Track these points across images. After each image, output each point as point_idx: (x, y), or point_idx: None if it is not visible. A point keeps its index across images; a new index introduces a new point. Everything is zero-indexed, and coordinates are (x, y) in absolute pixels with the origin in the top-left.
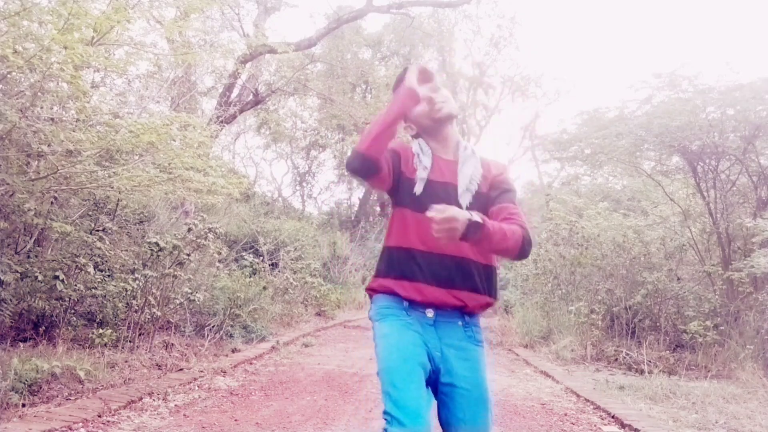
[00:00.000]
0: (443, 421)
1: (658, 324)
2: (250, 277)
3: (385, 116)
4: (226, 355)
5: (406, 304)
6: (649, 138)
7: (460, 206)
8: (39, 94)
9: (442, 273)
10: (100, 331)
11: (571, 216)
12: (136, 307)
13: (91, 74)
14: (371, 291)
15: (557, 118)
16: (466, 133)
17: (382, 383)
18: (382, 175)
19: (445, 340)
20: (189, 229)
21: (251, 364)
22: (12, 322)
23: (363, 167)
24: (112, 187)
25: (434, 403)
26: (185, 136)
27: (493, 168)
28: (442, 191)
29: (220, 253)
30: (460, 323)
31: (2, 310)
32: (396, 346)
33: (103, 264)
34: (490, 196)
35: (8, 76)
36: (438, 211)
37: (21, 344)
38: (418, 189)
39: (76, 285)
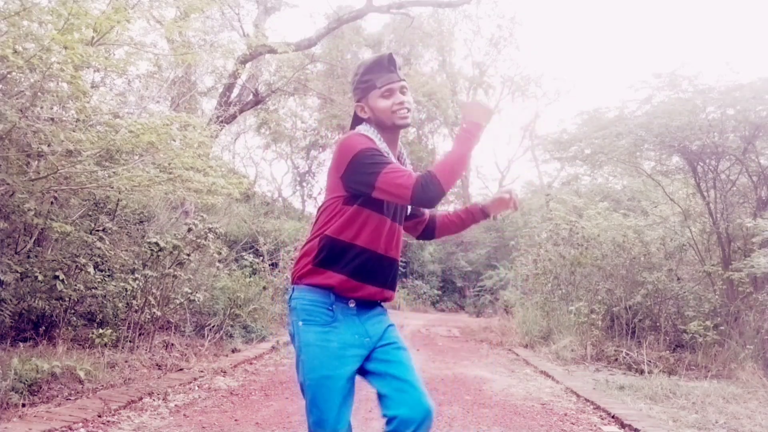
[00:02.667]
0: (387, 386)
1: (658, 324)
2: (250, 277)
3: (466, 151)
4: (226, 355)
5: (332, 297)
6: (649, 138)
7: (406, 210)
8: (39, 94)
9: (382, 272)
10: (100, 331)
11: (571, 216)
12: (136, 307)
13: (91, 74)
14: (301, 281)
15: (557, 118)
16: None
17: (306, 396)
18: None
19: (367, 320)
20: (189, 229)
21: (251, 364)
22: (12, 322)
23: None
24: (112, 187)
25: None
26: (185, 136)
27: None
28: None
29: (220, 253)
30: (378, 306)
31: (2, 310)
32: (319, 360)
33: (103, 264)
34: None
35: (8, 76)
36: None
37: (21, 344)
38: None
39: (76, 285)
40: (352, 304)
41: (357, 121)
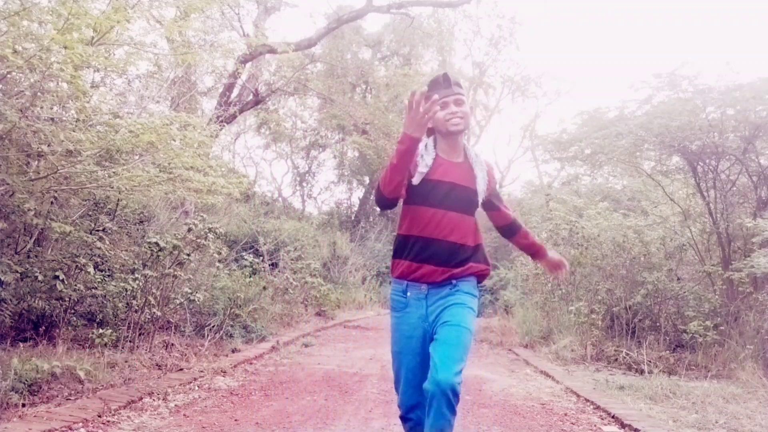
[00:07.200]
0: (430, 360)
1: (658, 324)
2: (250, 277)
3: (396, 158)
4: (226, 355)
5: (405, 283)
6: (649, 138)
7: (477, 205)
8: (39, 94)
9: (441, 254)
10: (100, 331)
11: (571, 216)
12: (136, 307)
13: (91, 74)
14: (392, 273)
15: (557, 118)
16: (466, 133)
17: (393, 365)
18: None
19: (433, 305)
20: (189, 229)
21: (251, 364)
22: (12, 322)
23: (391, 205)
24: (112, 187)
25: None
26: (185, 136)
27: (489, 171)
28: (448, 190)
29: (220, 253)
30: (449, 288)
31: (2, 310)
32: (394, 339)
33: (103, 264)
34: (491, 200)
35: (8, 76)
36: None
37: (21, 344)
38: (416, 181)
39: (76, 285)
40: (423, 288)
41: (428, 130)
